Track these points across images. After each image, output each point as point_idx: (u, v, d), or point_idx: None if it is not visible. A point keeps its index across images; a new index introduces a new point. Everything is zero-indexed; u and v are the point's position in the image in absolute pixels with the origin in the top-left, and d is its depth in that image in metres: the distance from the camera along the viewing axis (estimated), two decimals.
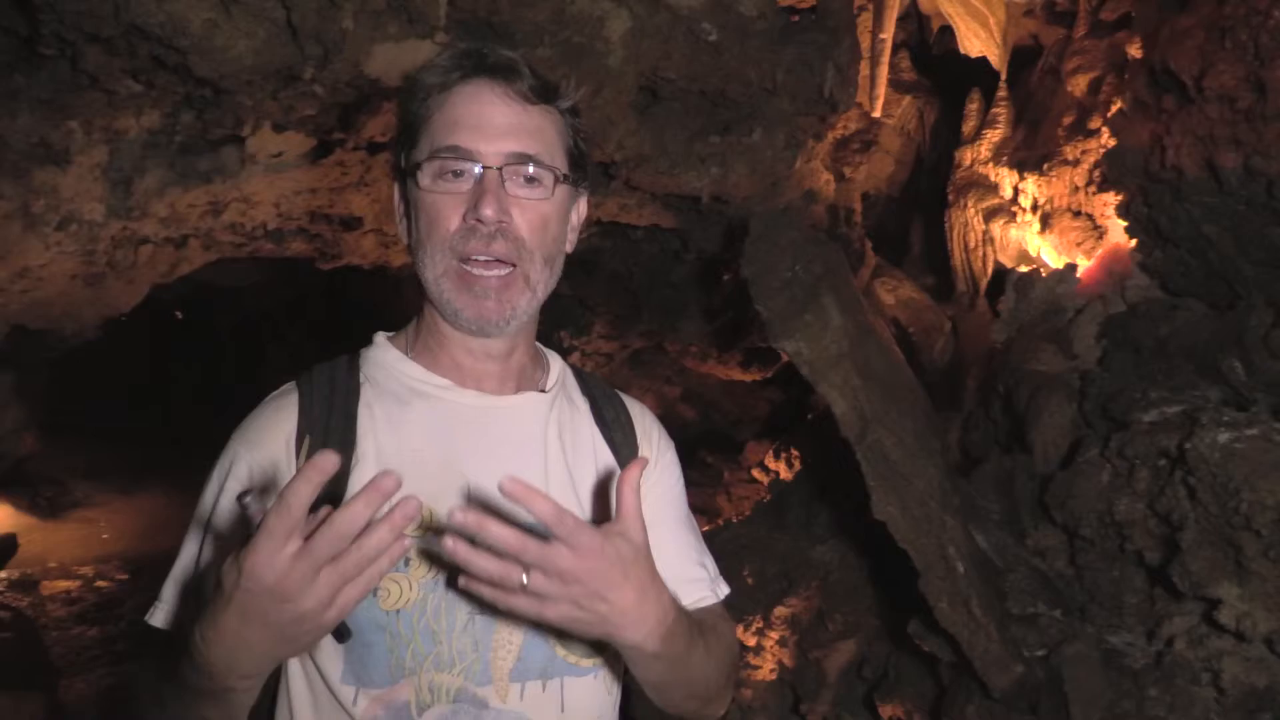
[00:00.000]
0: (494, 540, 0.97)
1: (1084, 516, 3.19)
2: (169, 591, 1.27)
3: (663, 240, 5.60)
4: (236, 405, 1.35)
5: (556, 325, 7.07)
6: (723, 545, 4.82)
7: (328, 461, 0.94)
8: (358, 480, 1.21)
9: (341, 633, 1.08)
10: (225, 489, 1.24)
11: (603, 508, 1.33)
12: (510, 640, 1.22)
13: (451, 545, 0.96)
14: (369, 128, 3.86)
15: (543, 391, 1.37)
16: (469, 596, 1.19)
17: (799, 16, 4.36)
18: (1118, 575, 3.15)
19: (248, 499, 0.98)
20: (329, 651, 1.21)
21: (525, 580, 0.99)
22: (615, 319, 6.75)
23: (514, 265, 1.23)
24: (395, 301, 7.00)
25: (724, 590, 1.47)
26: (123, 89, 3.37)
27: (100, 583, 7.61)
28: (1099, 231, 5.33)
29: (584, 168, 1.34)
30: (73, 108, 3.45)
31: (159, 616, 1.27)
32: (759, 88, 4.06)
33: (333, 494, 1.20)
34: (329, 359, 1.38)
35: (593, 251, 5.90)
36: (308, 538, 0.96)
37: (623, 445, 1.41)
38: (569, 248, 1.35)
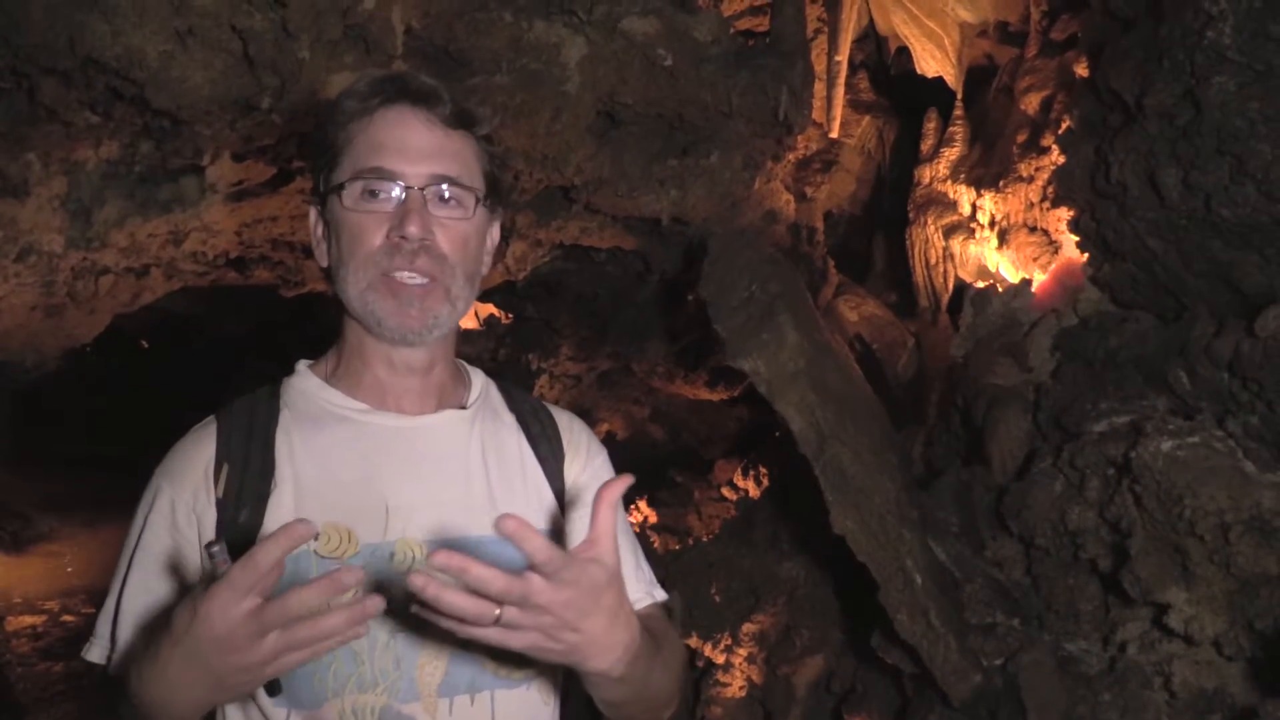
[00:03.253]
0: (477, 583, 0.95)
1: (1038, 526, 3.25)
2: (103, 627, 1.29)
3: (626, 262, 5.65)
4: None
5: (524, 348, 7.09)
6: (690, 563, 4.85)
7: (305, 529, 0.97)
8: (275, 505, 1.25)
9: (273, 687, 1.10)
10: (149, 522, 1.27)
11: (530, 520, 1.35)
12: (437, 656, 1.24)
13: (421, 584, 0.93)
14: None
15: (463, 408, 1.39)
16: (389, 615, 1.21)
17: (753, 41, 4.43)
18: (1072, 583, 3.21)
19: (215, 549, 1.01)
20: None
21: (498, 614, 0.98)
22: (582, 341, 6.78)
23: (435, 279, 1.27)
24: None
25: (660, 595, 1.49)
26: (80, 120, 3.38)
27: (66, 617, 7.51)
28: (1054, 246, 5.43)
29: (499, 193, 1.38)
30: (30, 139, 3.46)
31: (94, 652, 1.29)
32: (715, 111, 4.13)
33: (251, 521, 1.23)
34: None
35: (557, 274, 5.94)
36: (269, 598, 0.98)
37: (548, 457, 1.43)
38: (484, 270, 1.39)
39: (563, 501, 1.40)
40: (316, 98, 3.35)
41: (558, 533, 1.37)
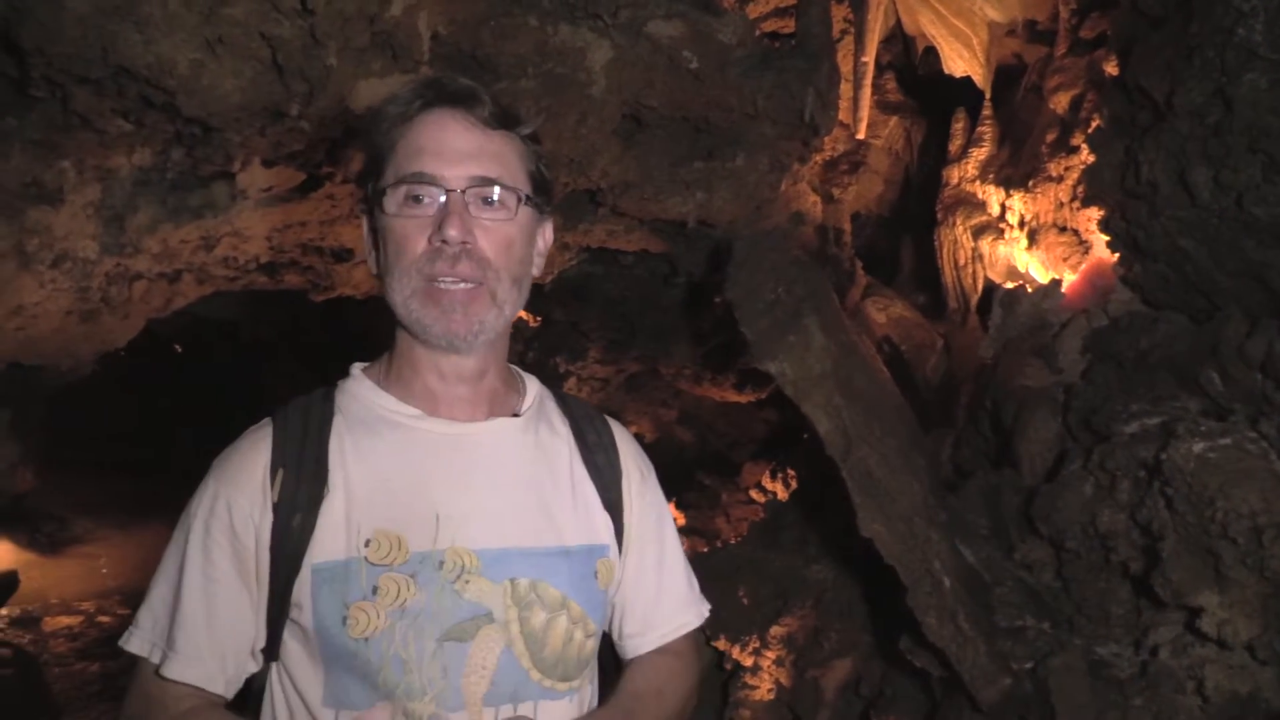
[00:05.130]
0: None
1: (1069, 529, 3.22)
2: (145, 619, 1.30)
3: (652, 265, 5.65)
4: (234, 438, 1.38)
5: (552, 351, 7.11)
6: (718, 566, 4.84)
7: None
8: (327, 510, 1.25)
9: None
10: (208, 526, 1.27)
11: (579, 531, 1.36)
12: (483, 666, 1.24)
13: None
14: (357, 161, 3.92)
15: (515, 415, 1.38)
16: (437, 623, 1.23)
17: (779, 43, 4.42)
18: (1104, 586, 3.17)
19: None
20: (309, 675, 1.24)
21: None
22: (610, 344, 6.79)
23: (480, 283, 1.26)
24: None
25: (706, 609, 1.53)
26: (113, 128, 3.42)
27: (101, 618, 7.63)
28: (1084, 246, 5.38)
29: (547, 192, 1.37)
30: (64, 147, 3.51)
31: (134, 643, 1.30)
32: (740, 113, 4.12)
33: (305, 526, 1.24)
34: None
35: (584, 277, 5.95)
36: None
37: (605, 468, 1.43)
38: (536, 271, 1.38)
39: (614, 512, 1.40)
40: (344, 104, 3.38)
41: (603, 544, 1.38)
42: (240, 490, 1.27)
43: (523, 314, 7.16)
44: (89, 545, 9.44)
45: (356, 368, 1.41)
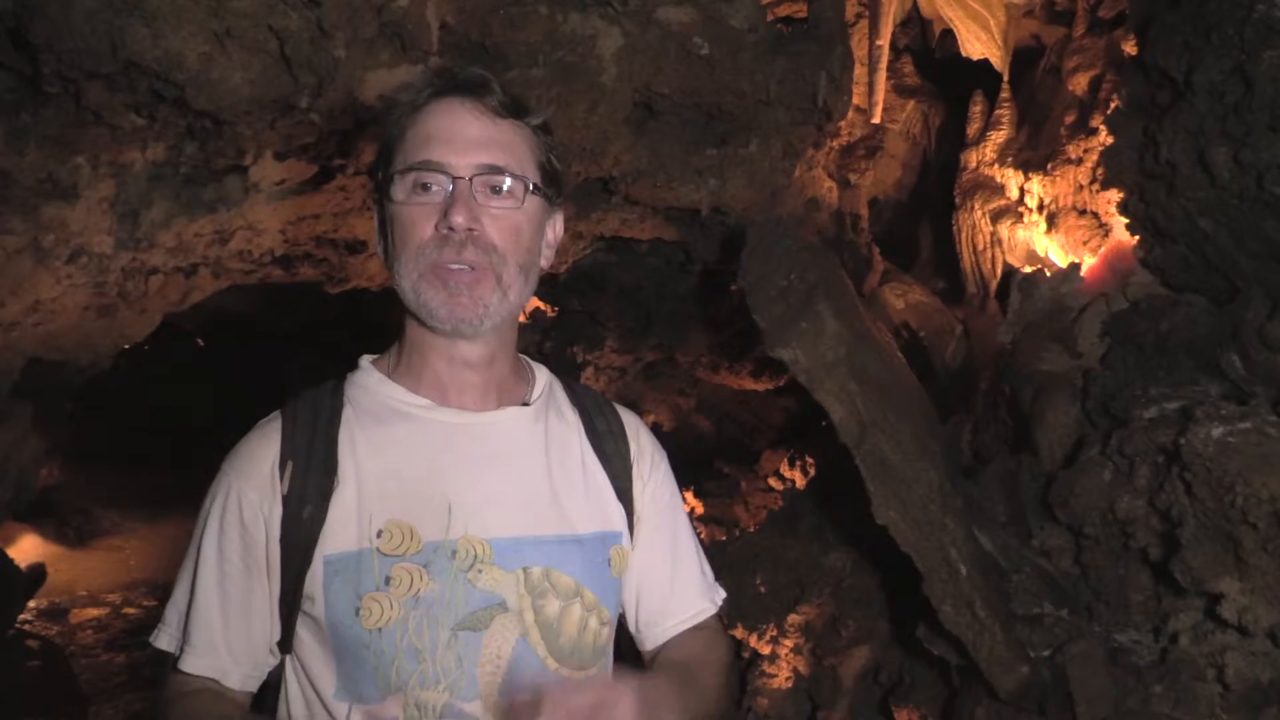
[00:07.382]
0: None
1: (1087, 515, 3.19)
2: (171, 615, 1.33)
3: (667, 253, 5.62)
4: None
5: (569, 341, 7.10)
6: (735, 554, 4.83)
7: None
8: (338, 502, 1.25)
9: None
10: (223, 523, 1.28)
11: (591, 519, 1.37)
12: (498, 655, 1.25)
13: None
14: (368, 153, 3.92)
15: (525, 405, 1.39)
16: (451, 612, 1.23)
17: (790, 28, 4.38)
18: (1123, 573, 3.14)
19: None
20: (322, 668, 1.25)
21: None
22: (626, 332, 6.77)
23: (485, 267, 1.26)
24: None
25: (721, 596, 1.53)
26: (126, 123, 3.43)
27: (128, 609, 7.72)
28: (1104, 229, 5.31)
29: (557, 184, 1.36)
30: (78, 143, 3.52)
31: (162, 639, 1.33)
32: (753, 99, 4.09)
33: (315, 518, 1.24)
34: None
35: (600, 266, 5.93)
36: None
37: (615, 456, 1.43)
38: (545, 264, 1.38)
39: (625, 500, 1.41)
40: (354, 96, 3.38)
41: (616, 531, 1.38)
42: (249, 483, 1.28)
43: (540, 304, 7.16)
44: (116, 538, 9.55)
45: (365, 360, 1.41)
